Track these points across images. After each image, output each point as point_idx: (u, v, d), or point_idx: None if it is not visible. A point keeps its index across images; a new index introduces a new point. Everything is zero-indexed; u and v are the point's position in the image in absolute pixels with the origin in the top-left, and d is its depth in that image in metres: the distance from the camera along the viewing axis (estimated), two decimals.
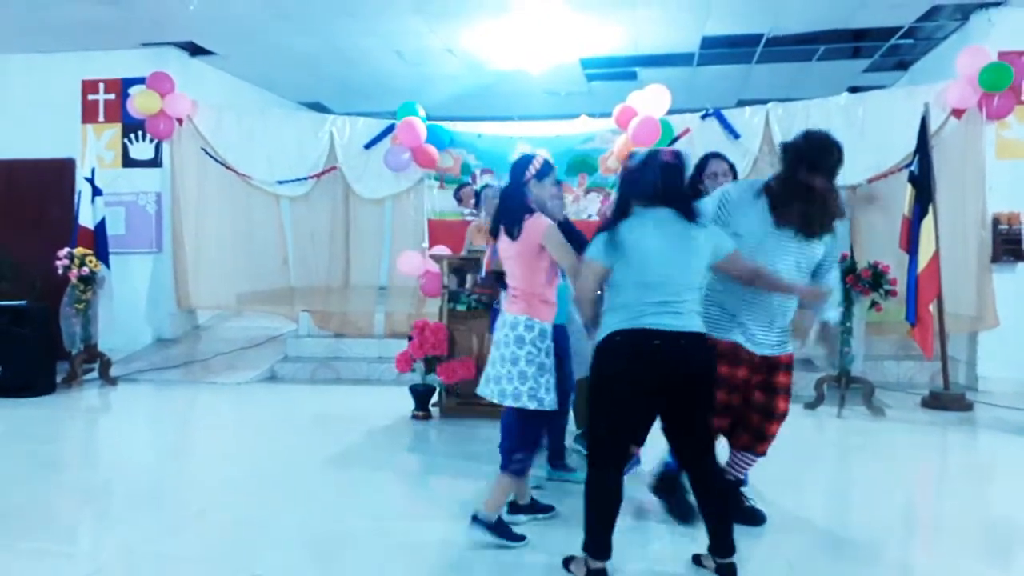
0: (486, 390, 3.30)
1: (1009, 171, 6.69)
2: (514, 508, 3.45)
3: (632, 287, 2.75)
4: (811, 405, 5.93)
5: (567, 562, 2.94)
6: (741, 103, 8.45)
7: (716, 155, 3.98)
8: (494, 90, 9.64)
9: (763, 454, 3.30)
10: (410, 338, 5.65)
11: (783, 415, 3.23)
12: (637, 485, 3.61)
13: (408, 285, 7.23)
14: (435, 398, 5.70)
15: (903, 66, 8.76)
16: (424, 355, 5.48)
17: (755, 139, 7.24)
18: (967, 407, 5.96)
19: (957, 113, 6.65)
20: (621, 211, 2.84)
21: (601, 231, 2.85)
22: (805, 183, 3.04)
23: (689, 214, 2.80)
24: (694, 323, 2.76)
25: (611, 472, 2.79)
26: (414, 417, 5.57)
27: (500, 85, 9.46)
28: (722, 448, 3.18)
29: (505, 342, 3.21)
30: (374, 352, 7.37)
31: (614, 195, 3.13)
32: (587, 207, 7.76)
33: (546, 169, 3.30)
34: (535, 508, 3.51)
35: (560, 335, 3.44)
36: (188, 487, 4.17)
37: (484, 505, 3.20)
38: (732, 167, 3.91)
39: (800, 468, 4.33)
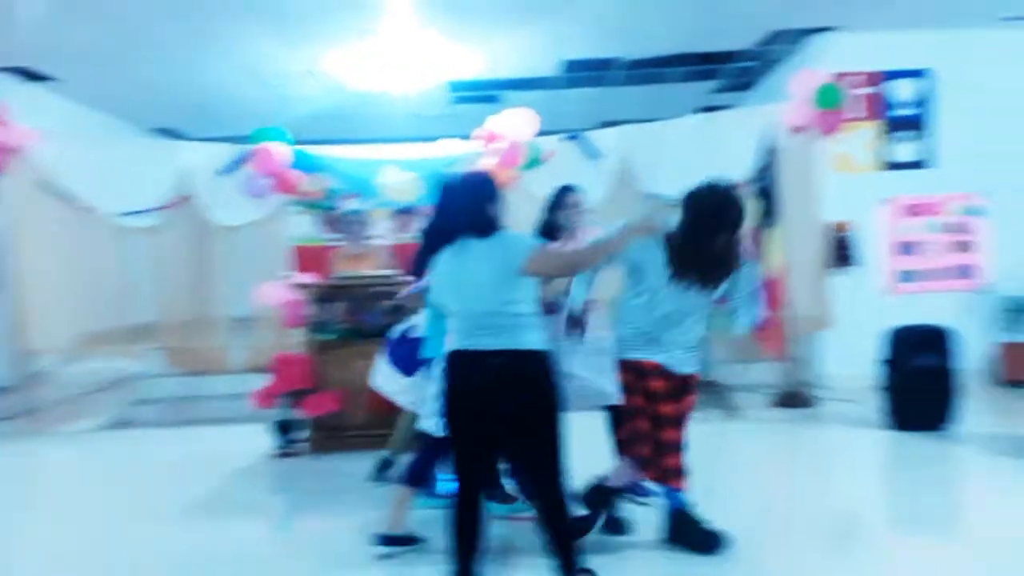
0: None
1: (840, 182, 7.24)
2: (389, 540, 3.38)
3: (453, 313, 2.82)
4: None
5: None
6: (606, 124, 8.75)
7: (570, 187, 4.06)
8: (358, 112, 9.53)
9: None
10: (272, 372, 5.44)
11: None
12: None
13: (270, 316, 6.96)
14: (302, 433, 5.50)
15: (749, 86, 9.33)
16: (287, 389, 5.28)
17: (613, 160, 7.50)
18: (812, 404, 6.38)
19: (796, 130, 7.13)
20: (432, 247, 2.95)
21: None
22: (707, 244, 3.12)
23: (481, 232, 2.78)
24: (517, 340, 2.67)
25: (466, 497, 2.76)
26: (277, 455, 5.35)
27: (364, 107, 9.36)
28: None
29: None
30: (233, 388, 7.00)
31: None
32: None
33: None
34: (408, 540, 3.44)
35: None
36: (19, 558, 3.80)
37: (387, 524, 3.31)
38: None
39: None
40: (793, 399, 6.40)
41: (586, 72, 8.65)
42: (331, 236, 7.25)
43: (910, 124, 7.35)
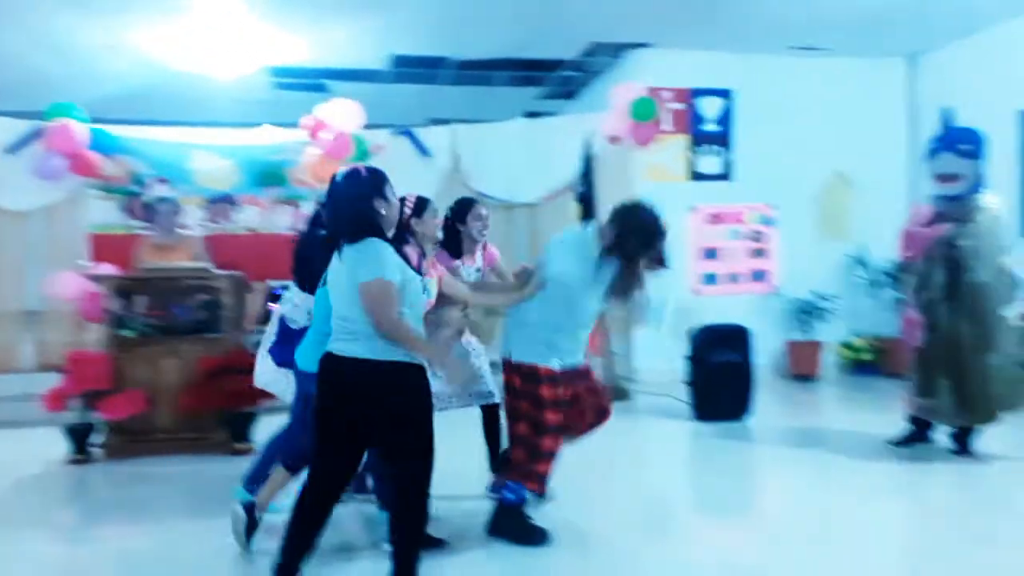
0: None
1: (654, 190, 7.70)
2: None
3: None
4: None
5: None
6: (434, 122, 8.75)
7: (471, 200, 4.05)
8: (171, 93, 8.87)
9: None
10: (66, 371, 4.93)
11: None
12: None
13: (64, 310, 6.31)
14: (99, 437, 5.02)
15: (571, 95, 9.71)
16: (82, 390, 4.81)
17: (444, 158, 7.54)
18: (626, 397, 6.75)
19: (614, 140, 7.51)
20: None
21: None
22: (637, 268, 3.30)
23: (349, 235, 2.64)
24: (367, 349, 2.58)
25: (315, 493, 2.70)
26: (71, 462, 4.86)
27: (178, 88, 8.74)
28: None
29: None
30: (21, 389, 6.27)
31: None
32: (276, 220, 7.46)
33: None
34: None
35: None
36: None
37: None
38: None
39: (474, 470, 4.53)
40: (609, 393, 6.73)
41: (415, 68, 8.61)
42: (136, 224, 6.72)
43: (715, 139, 7.99)
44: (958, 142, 4.62)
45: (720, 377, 5.84)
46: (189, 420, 5.00)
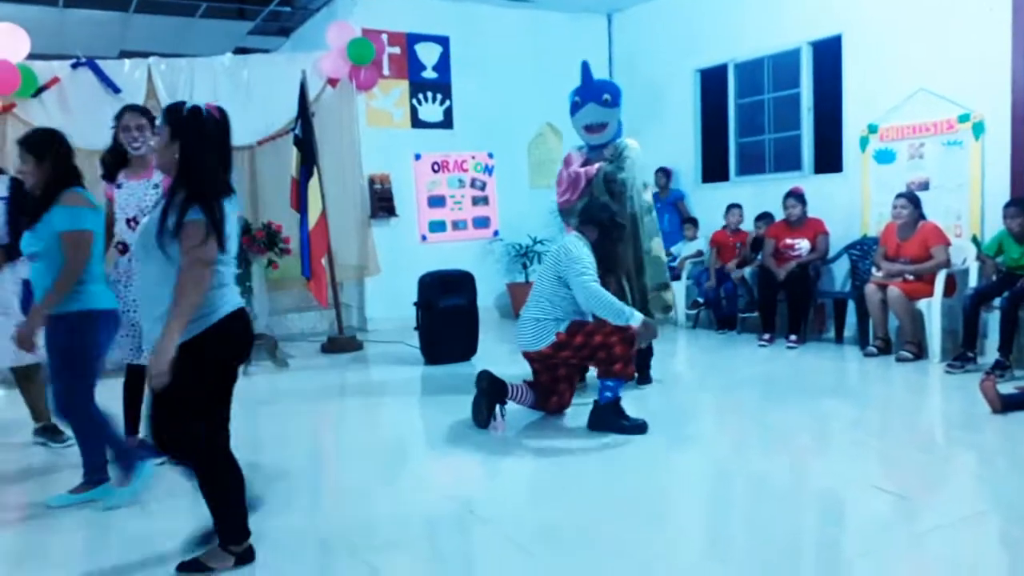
0: None
1: (378, 137, 7.60)
2: None
3: None
4: None
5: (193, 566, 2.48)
6: (125, 54, 7.72)
7: (134, 107, 3.68)
8: None
9: None
10: None
11: None
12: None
13: None
14: None
15: (285, 32, 9.14)
16: None
17: (139, 94, 6.69)
18: (359, 347, 6.69)
19: (332, 82, 7.22)
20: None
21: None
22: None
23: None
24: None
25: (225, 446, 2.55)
26: None
27: None
28: None
29: None
30: None
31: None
32: None
33: None
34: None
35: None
36: None
37: None
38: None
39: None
40: (341, 344, 6.61)
41: None
42: None
43: (434, 86, 8.01)
44: (601, 92, 4.90)
45: (446, 321, 5.98)
46: None
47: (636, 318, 3.92)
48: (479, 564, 2.73)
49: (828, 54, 6.73)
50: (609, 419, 3.98)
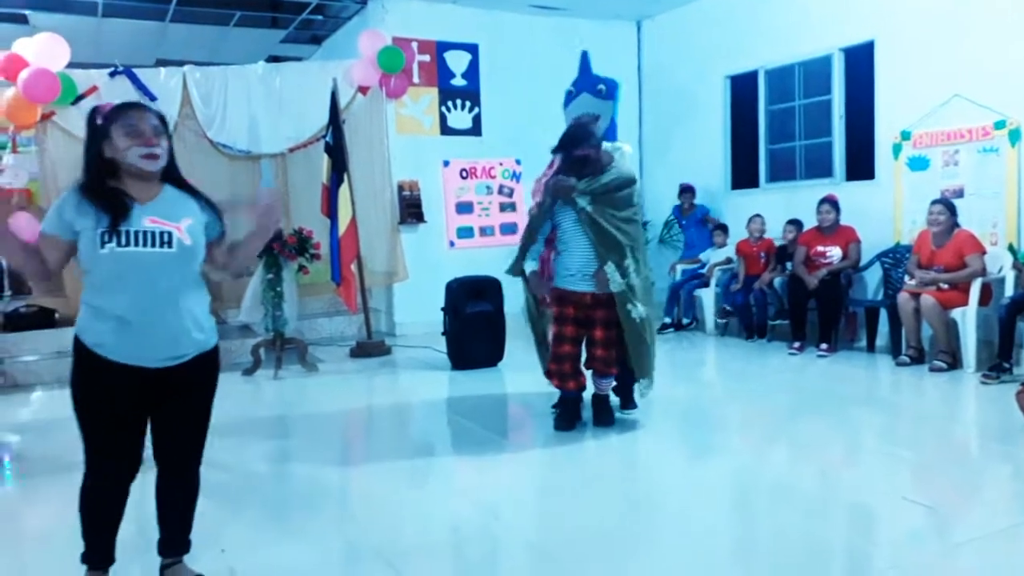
0: None
1: (407, 144, 7.66)
2: None
3: None
4: (249, 371, 5.96)
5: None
6: (161, 63, 7.88)
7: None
8: None
9: None
10: None
11: None
12: None
13: None
14: None
15: (317, 41, 9.26)
16: None
17: (174, 102, 6.82)
18: (387, 351, 6.74)
19: (363, 90, 7.29)
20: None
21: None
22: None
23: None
24: None
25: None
26: None
27: None
28: None
29: None
30: None
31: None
32: None
33: None
34: None
35: None
36: None
37: None
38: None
39: (244, 431, 4.28)
40: (369, 348, 6.67)
41: (133, 1, 7.65)
42: None
43: (463, 94, 8.06)
44: (596, 82, 4.77)
45: (473, 327, 6.00)
46: None
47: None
48: (502, 570, 2.73)
49: (860, 60, 6.65)
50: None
